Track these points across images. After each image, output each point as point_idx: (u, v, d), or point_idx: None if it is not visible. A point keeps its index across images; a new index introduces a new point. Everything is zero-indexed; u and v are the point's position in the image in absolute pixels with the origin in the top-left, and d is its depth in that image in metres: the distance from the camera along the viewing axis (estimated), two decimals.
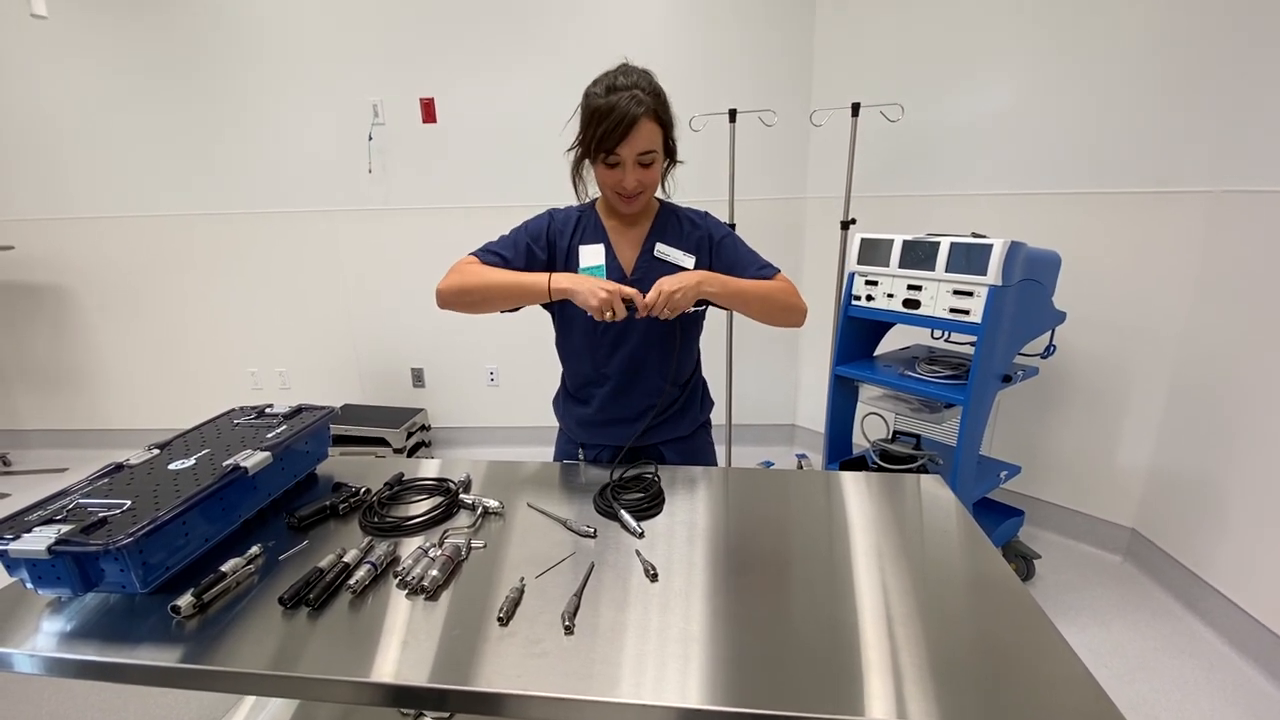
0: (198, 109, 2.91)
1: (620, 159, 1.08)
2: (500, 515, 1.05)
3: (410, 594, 0.84)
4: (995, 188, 2.32)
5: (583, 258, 1.19)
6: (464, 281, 1.11)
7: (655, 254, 1.19)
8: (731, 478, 1.19)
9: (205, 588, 0.83)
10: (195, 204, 3.05)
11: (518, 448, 3.29)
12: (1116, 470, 2.23)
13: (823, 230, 2.85)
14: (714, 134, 2.57)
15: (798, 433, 3.28)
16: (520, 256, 1.17)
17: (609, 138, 1.05)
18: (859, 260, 2.03)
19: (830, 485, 1.16)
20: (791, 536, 0.98)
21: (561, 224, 1.21)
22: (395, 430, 2.90)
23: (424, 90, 2.86)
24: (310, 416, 1.17)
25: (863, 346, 2.21)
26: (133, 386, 3.31)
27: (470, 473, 1.18)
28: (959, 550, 0.94)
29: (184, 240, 3.10)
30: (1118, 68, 2.00)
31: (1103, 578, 2.15)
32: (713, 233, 1.22)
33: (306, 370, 3.27)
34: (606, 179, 1.12)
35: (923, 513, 1.06)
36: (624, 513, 1.01)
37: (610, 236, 1.20)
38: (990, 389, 1.84)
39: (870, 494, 1.12)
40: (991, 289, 1.71)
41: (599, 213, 1.22)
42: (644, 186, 1.12)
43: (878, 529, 1.00)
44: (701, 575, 0.88)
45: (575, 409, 1.28)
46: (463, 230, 3.00)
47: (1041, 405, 2.35)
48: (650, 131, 1.07)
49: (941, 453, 2.05)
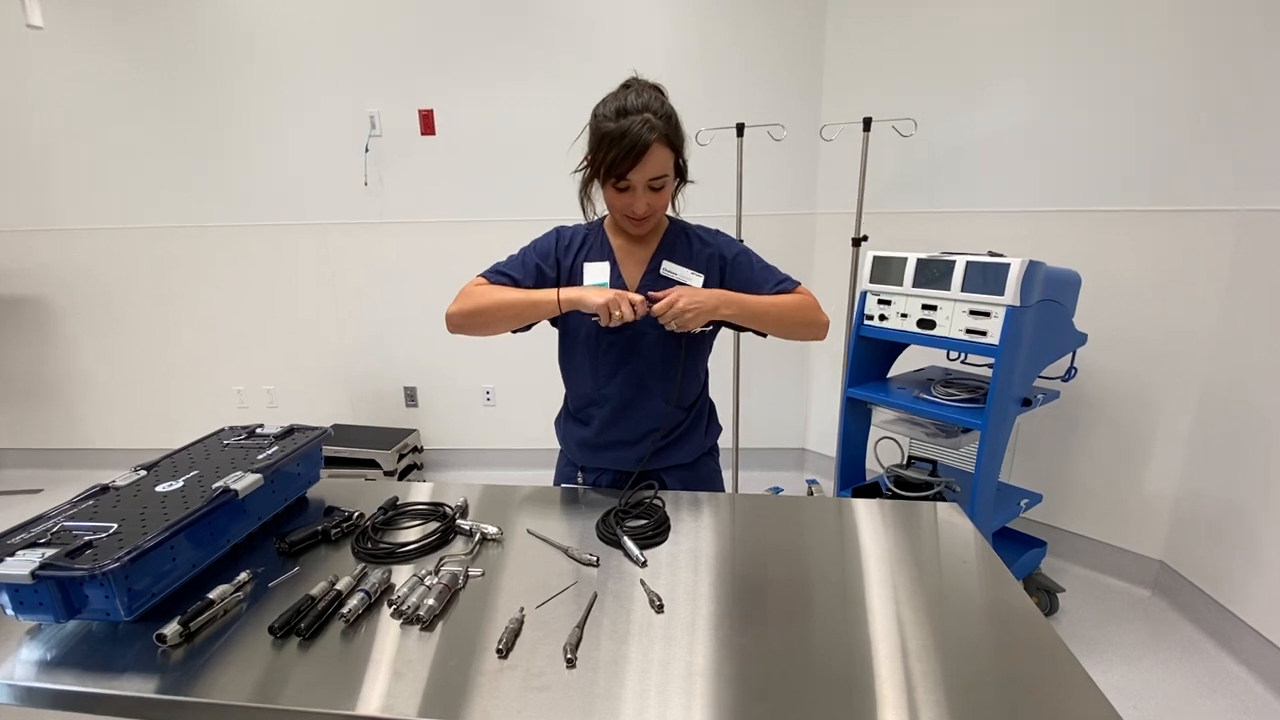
0: (187, 118, 2.97)
1: (630, 184, 1.10)
2: (498, 542, 1.05)
3: (405, 624, 0.84)
4: (1012, 204, 2.35)
5: (587, 274, 1.21)
6: (474, 304, 1.13)
7: (662, 272, 1.21)
8: (739, 504, 1.19)
9: (192, 615, 0.83)
10: (181, 215, 3.09)
11: (515, 471, 3.28)
12: (1143, 499, 2.22)
13: (833, 247, 2.88)
14: (721, 149, 2.61)
15: (808, 457, 3.28)
16: (529, 276, 1.19)
17: (619, 164, 1.07)
18: (871, 279, 2.04)
19: (842, 513, 1.16)
20: (802, 566, 0.98)
21: (568, 241, 1.24)
22: (386, 452, 2.90)
23: (423, 102, 2.92)
24: (303, 437, 1.18)
25: (876, 368, 2.22)
26: (113, 404, 3.33)
27: (466, 497, 1.19)
28: (978, 582, 0.94)
29: (169, 253, 3.14)
30: (1140, 81, 2.04)
31: (1130, 613, 2.13)
32: (724, 251, 1.24)
33: (295, 388, 3.29)
34: (616, 203, 1.14)
35: (939, 542, 1.05)
36: (627, 540, 1.01)
37: (616, 254, 1.22)
38: (1009, 413, 1.85)
39: (884, 522, 1.12)
40: (1009, 309, 1.72)
41: (606, 231, 1.25)
42: (654, 210, 1.15)
43: (892, 559, 1.00)
44: (708, 607, 0.88)
45: (576, 430, 1.29)
46: (461, 245, 3.04)
47: (1063, 430, 2.35)
48: (661, 157, 1.09)
49: (959, 479, 2.05)
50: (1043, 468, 2.41)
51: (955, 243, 2.38)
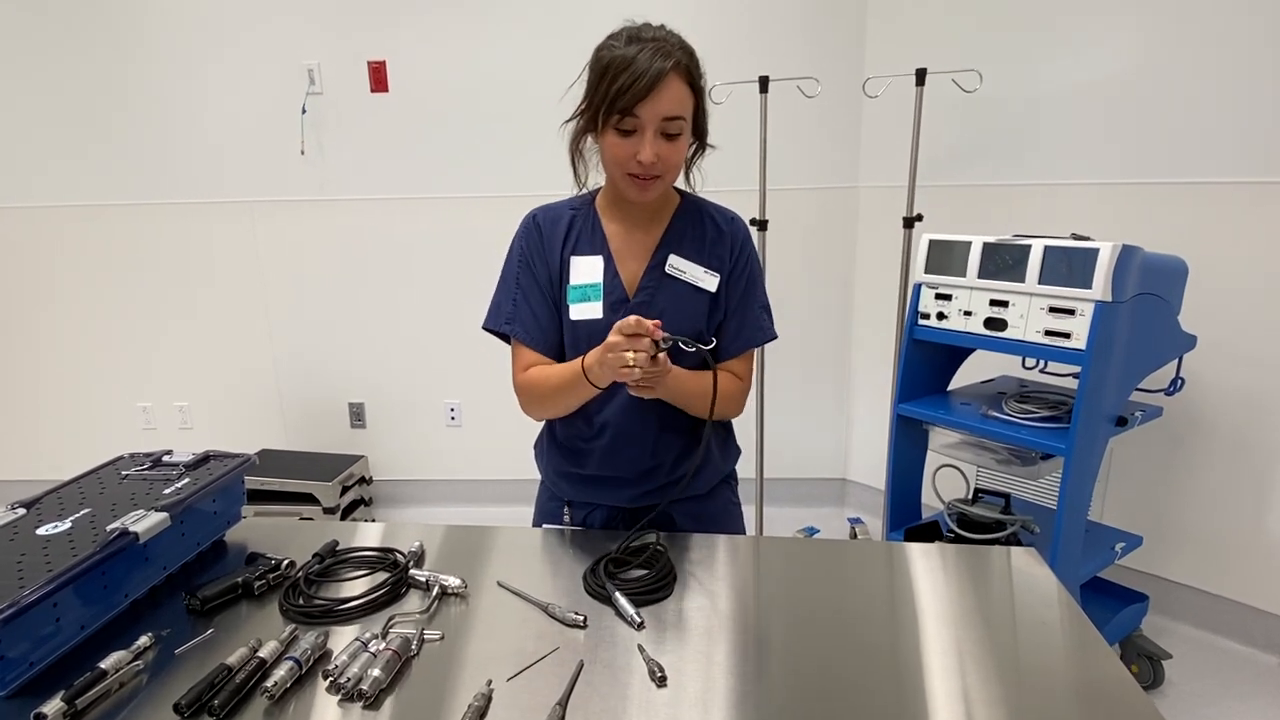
0: (82, 72, 2.97)
1: (639, 123, 1.08)
2: (462, 597, 1.04)
3: (344, 700, 0.83)
4: (1101, 175, 2.35)
5: (574, 272, 1.20)
6: (547, 401, 1.21)
7: (667, 269, 1.20)
8: (763, 550, 1.18)
9: (79, 691, 0.83)
10: (71, 192, 3.09)
11: (485, 508, 3.27)
12: (1270, 541, 2.21)
13: (880, 229, 2.88)
14: (740, 108, 2.61)
15: (849, 490, 3.26)
16: (545, 308, 1.22)
17: (626, 94, 1.06)
18: (927, 268, 2.04)
19: (893, 560, 1.15)
20: (842, 629, 0.97)
21: (549, 231, 1.23)
22: (327, 484, 2.90)
23: (373, 52, 2.93)
24: (220, 467, 1.17)
25: (933, 379, 2.22)
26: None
27: (424, 541, 1.18)
28: (1062, 647, 0.94)
29: (57, 237, 3.15)
30: (1260, 20, 2.04)
31: (1255, 685, 2.11)
32: (740, 248, 1.24)
33: (213, 405, 3.29)
34: (618, 152, 1.11)
35: (1014, 597, 1.05)
36: (621, 597, 1.01)
37: (611, 244, 1.22)
38: (1100, 434, 1.84)
39: (946, 572, 1.12)
40: (1098, 305, 1.72)
41: (598, 211, 1.24)
42: (665, 167, 1.12)
43: (955, 619, 0.99)
44: (722, 680, 0.87)
45: (562, 462, 1.29)
46: (422, 226, 3.05)
47: (1167, 456, 2.34)
48: (679, 93, 1.08)
49: (1038, 518, 2.04)
50: (1142, 503, 2.40)
51: (1031, 223, 2.38)
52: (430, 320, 3.16)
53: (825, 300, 3.09)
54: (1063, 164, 2.42)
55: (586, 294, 1.20)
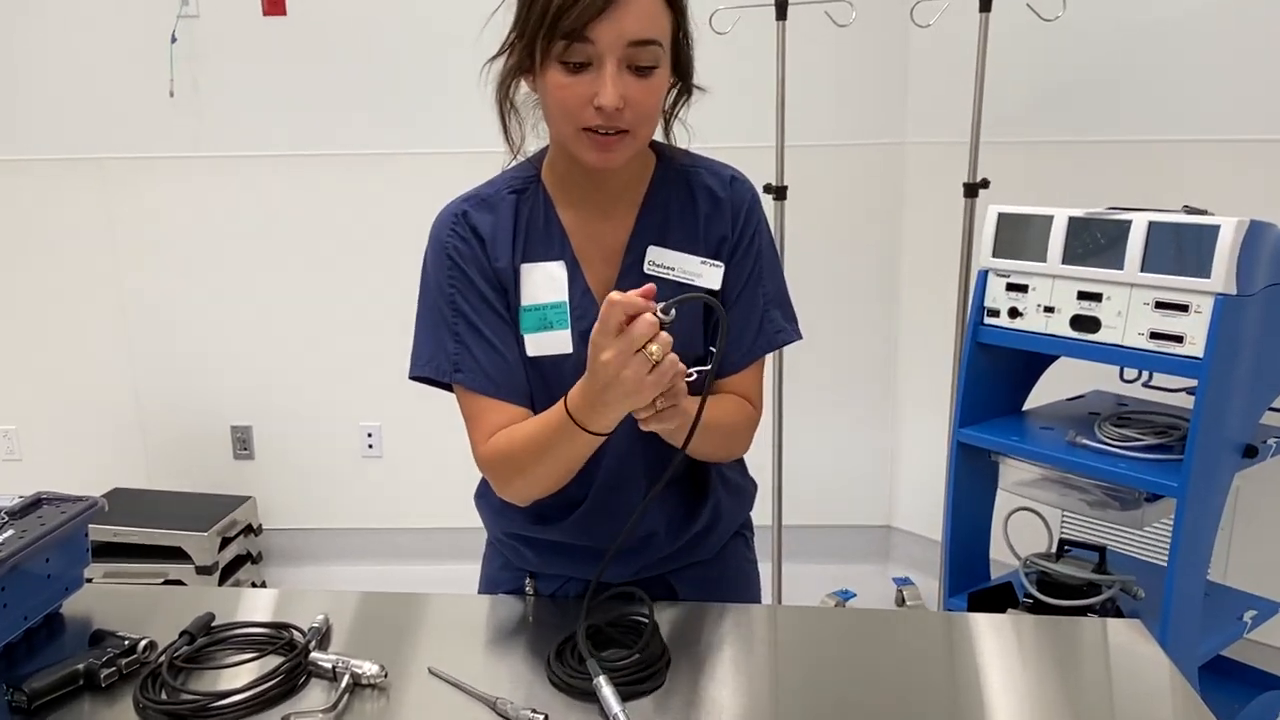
0: None
1: (594, 51, 0.99)
2: (381, 689, 1.03)
3: None
4: (1221, 130, 2.37)
5: (527, 288, 1.13)
6: (529, 474, 1.11)
7: (647, 268, 1.14)
8: (783, 622, 1.19)
9: None
10: None
11: (415, 565, 3.26)
12: None
13: (933, 198, 2.90)
14: (750, 41, 2.62)
15: (895, 541, 3.28)
16: (505, 336, 1.13)
17: (573, 9, 0.96)
18: (995, 250, 2.05)
19: (953, 635, 1.15)
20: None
21: (490, 231, 1.14)
22: (201, 535, 2.88)
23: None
24: (56, 514, 1.15)
25: (1004, 395, 2.23)
26: None
27: (330, 613, 1.17)
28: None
29: None
30: None
31: None
32: (744, 218, 1.17)
33: (50, 430, 3.26)
34: (566, 97, 1.02)
35: (1113, 684, 1.05)
36: (604, 685, 0.99)
37: (571, 236, 1.15)
38: (1223, 468, 1.85)
39: (1022, 650, 1.12)
40: (1219, 300, 1.73)
41: (547, 190, 1.17)
42: (635, 115, 1.03)
43: (1036, 710, 0.99)
44: None
45: (522, 523, 1.24)
46: (328, 192, 3.03)
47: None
48: (650, 6, 1.00)
49: (1142, 578, 2.05)
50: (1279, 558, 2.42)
51: (1130, 193, 2.40)
52: (341, 316, 3.15)
53: (862, 291, 3.10)
54: (1171, 114, 2.45)
55: (546, 318, 1.12)
